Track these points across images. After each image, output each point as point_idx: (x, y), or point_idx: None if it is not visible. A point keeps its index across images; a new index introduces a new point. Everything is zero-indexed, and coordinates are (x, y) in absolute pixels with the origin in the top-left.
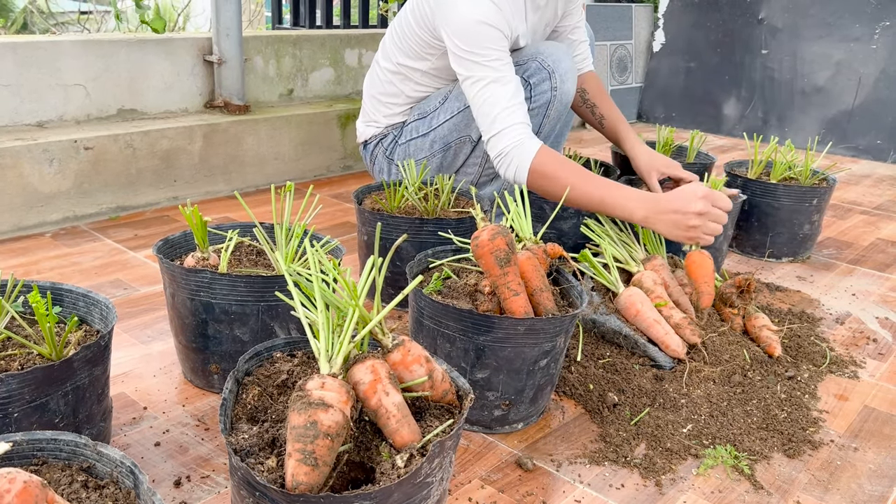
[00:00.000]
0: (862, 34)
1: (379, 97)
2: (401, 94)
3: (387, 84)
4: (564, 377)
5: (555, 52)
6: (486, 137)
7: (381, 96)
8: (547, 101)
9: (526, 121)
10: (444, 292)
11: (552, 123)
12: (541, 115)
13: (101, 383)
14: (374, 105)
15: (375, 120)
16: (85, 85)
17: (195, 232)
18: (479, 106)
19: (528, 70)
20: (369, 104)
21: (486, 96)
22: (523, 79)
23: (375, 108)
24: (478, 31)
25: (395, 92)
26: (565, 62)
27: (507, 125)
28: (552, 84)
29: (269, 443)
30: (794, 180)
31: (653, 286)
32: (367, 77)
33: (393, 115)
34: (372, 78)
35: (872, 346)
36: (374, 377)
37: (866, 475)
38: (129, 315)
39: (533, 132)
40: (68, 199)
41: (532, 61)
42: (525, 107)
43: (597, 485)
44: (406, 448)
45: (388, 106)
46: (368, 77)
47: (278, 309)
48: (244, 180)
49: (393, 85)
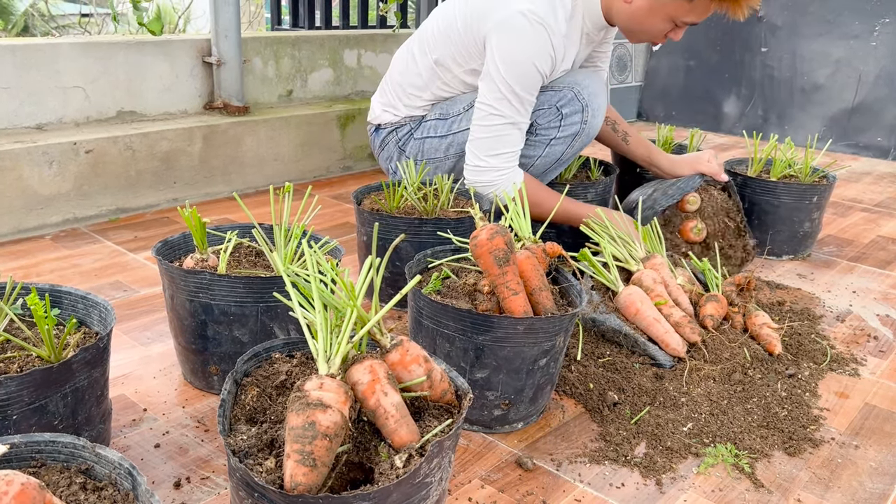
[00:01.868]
0: (861, 31)
1: (404, 86)
2: (427, 90)
3: (415, 76)
4: (564, 376)
5: (591, 84)
6: (477, 162)
7: (407, 86)
8: (575, 132)
9: (517, 160)
10: (443, 292)
11: (574, 153)
12: (565, 144)
13: (101, 385)
14: (396, 92)
15: (395, 107)
16: (84, 87)
17: (194, 233)
18: (487, 136)
19: (563, 99)
20: (391, 90)
21: (500, 133)
22: (555, 107)
23: (398, 96)
24: (527, 73)
25: (422, 85)
26: (600, 98)
27: (503, 165)
28: (583, 117)
29: (267, 444)
30: (794, 178)
31: (652, 285)
32: (396, 61)
33: (414, 108)
34: (401, 64)
35: (873, 344)
36: (372, 377)
37: (867, 473)
38: (128, 317)
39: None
40: (68, 201)
41: (568, 91)
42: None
43: (597, 484)
44: (405, 448)
45: (411, 97)
46: (397, 62)
47: (277, 310)
48: (244, 181)
49: (421, 78)
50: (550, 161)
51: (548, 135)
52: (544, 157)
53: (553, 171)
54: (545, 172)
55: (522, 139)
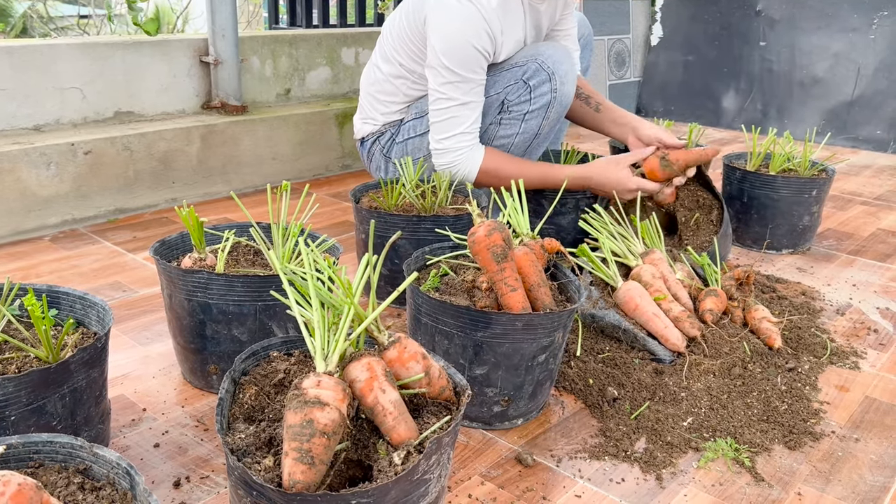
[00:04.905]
0: (860, 24)
1: (376, 95)
2: (398, 93)
3: (384, 82)
4: (564, 372)
5: (555, 53)
6: (436, 145)
7: (379, 94)
8: (547, 102)
9: (476, 138)
10: (441, 289)
11: (551, 124)
12: (540, 117)
13: (99, 385)
14: (371, 103)
15: (373, 117)
16: (81, 88)
17: (192, 233)
18: (440, 119)
19: (528, 71)
20: (367, 102)
21: (451, 115)
22: (522, 81)
23: (373, 106)
24: (465, 52)
25: (393, 90)
26: (566, 64)
27: (459, 145)
28: (552, 86)
29: (266, 442)
30: (793, 172)
31: (651, 280)
32: (364, 74)
33: (390, 113)
34: (369, 76)
35: (873, 337)
36: (370, 375)
37: (868, 466)
38: (128, 317)
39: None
40: (66, 202)
41: (532, 62)
42: (479, 125)
43: (597, 479)
44: (403, 445)
45: (385, 104)
46: (365, 74)
47: (276, 308)
48: (242, 181)
49: (390, 83)
50: (529, 137)
51: (520, 110)
52: (522, 134)
53: (535, 148)
54: (527, 151)
55: (477, 116)
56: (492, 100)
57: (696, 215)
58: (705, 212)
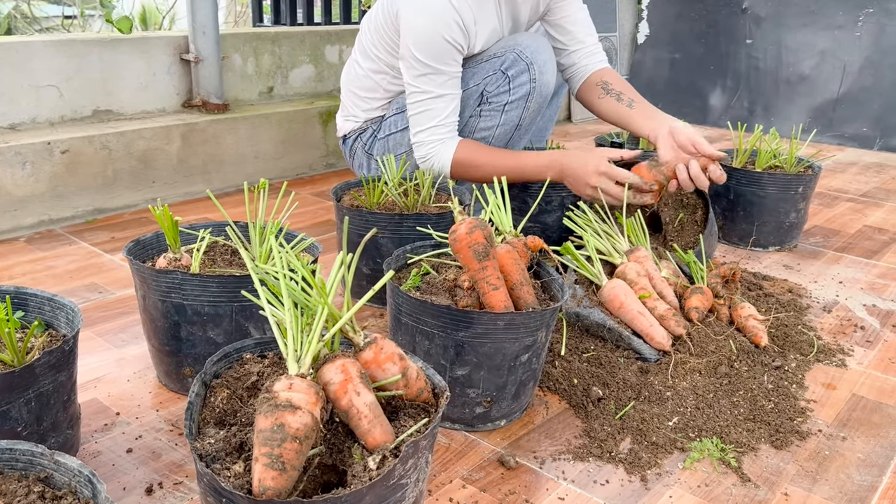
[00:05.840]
0: (845, 22)
1: (357, 91)
2: (378, 89)
3: (364, 78)
4: (548, 372)
5: (533, 42)
6: (413, 139)
7: (359, 91)
8: (526, 93)
9: (452, 131)
10: (422, 288)
11: (532, 116)
12: (520, 108)
13: (67, 389)
14: (352, 99)
15: (354, 114)
16: (58, 86)
17: (166, 232)
18: (416, 112)
19: (506, 62)
20: (347, 99)
21: (426, 108)
22: (501, 71)
23: (354, 103)
24: (436, 44)
25: (373, 86)
26: (544, 53)
27: (433, 137)
28: (531, 76)
29: (236, 447)
30: (780, 168)
31: (636, 278)
32: (345, 71)
33: (371, 110)
34: (349, 72)
35: (860, 334)
36: (344, 377)
37: (855, 465)
38: (103, 319)
39: (512, 125)
40: (43, 202)
41: (510, 52)
42: (456, 117)
43: (581, 481)
44: (379, 449)
45: (366, 100)
46: (346, 71)
47: (252, 309)
48: (224, 180)
49: (370, 79)
50: (510, 129)
51: (500, 101)
52: (503, 126)
53: (516, 140)
54: (509, 143)
55: (452, 109)
56: (470, 91)
57: (680, 215)
58: (689, 211)
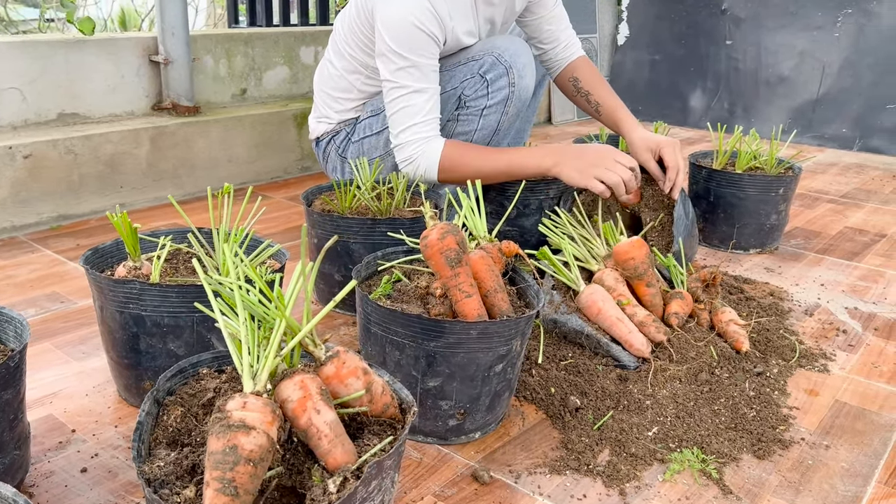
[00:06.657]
0: (824, 23)
1: (330, 92)
2: (352, 89)
3: (338, 79)
4: (525, 381)
5: (511, 45)
6: (394, 141)
7: (333, 91)
8: (505, 97)
9: (435, 129)
10: (393, 296)
11: (510, 120)
12: (499, 112)
13: (14, 408)
14: (325, 100)
15: (327, 116)
16: (21, 88)
17: (125, 239)
18: (395, 111)
19: (484, 65)
20: (320, 100)
21: (403, 104)
22: (479, 75)
23: (326, 104)
24: (410, 34)
25: (347, 87)
26: (523, 56)
27: (415, 136)
28: (510, 80)
29: (188, 470)
30: (760, 170)
31: (615, 284)
32: (318, 72)
33: (345, 111)
34: (322, 73)
35: (842, 338)
36: (303, 394)
37: (839, 475)
38: (63, 330)
39: (491, 129)
40: (4, 209)
41: (488, 56)
42: (437, 114)
43: (557, 496)
44: (340, 471)
45: (339, 101)
46: (319, 72)
47: (215, 320)
48: (196, 185)
49: (344, 79)
50: (488, 133)
51: (478, 105)
52: (481, 130)
53: (495, 144)
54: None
55: (433, 105)
56: (448, 94)
57: (660, 216)
58: (670, 212)
